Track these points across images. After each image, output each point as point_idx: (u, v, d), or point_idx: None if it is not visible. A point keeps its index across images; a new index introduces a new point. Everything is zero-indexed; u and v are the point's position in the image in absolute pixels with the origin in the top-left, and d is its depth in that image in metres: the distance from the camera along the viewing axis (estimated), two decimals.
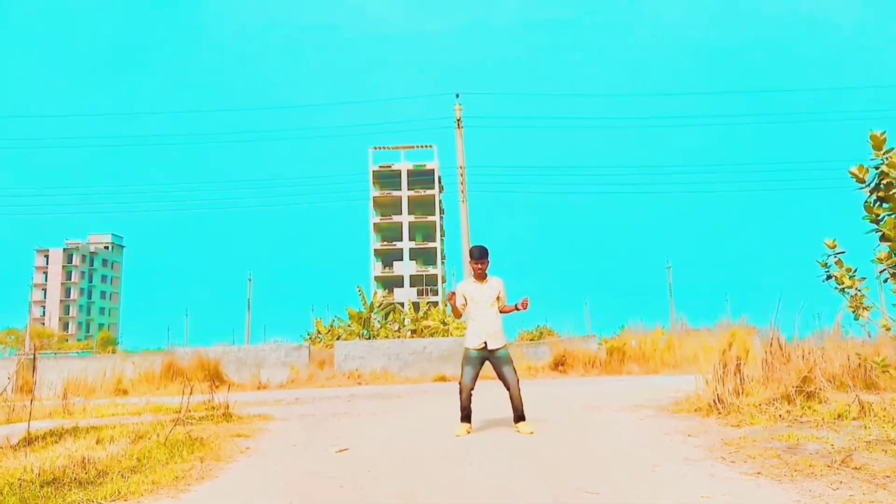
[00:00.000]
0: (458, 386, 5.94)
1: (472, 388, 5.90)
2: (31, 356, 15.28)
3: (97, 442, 5.63)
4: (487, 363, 5.99)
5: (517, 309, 6.05)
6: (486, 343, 5.87)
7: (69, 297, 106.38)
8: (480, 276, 5.99)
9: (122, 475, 4.28)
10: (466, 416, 5.91)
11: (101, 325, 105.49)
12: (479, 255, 5.98)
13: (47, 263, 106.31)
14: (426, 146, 67.23)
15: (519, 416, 5.95)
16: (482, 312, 5.93)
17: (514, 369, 5.98)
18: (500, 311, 6.08)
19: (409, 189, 67.38)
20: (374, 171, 67.29)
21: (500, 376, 5.94)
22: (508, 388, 5.93)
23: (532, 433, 5.74)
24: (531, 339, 24.04)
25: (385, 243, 67.04)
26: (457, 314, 6.12)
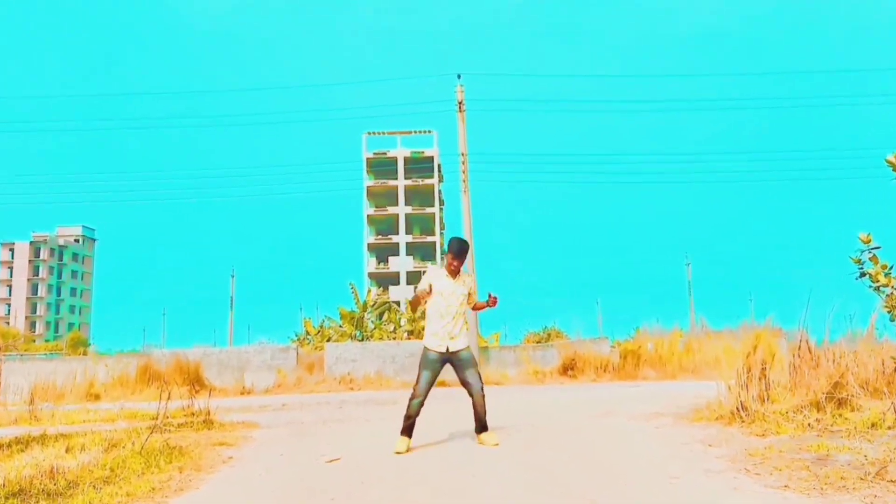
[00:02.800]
0: (412, 392, 5.74)
1: (426, 397, 5.71)
2: None
3: (67, 450, 5.64)
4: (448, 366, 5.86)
5: (487, 305, 5.93)
6: (447, 346, 5.71)
7: (36, 294, 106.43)
8: (455, 273, 5.81)
9: (93, 486, 4.28)
10: (409, 428, 5.69)
11: (71, 325, 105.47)
12: (459, 251, 5.77)
13: (13, 258, 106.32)
14: (425, 131, 67.15)
15: (482, 427, 5.82)
16: (448, 310, 5.74)
17: (479, 373, 5.82)
18: (473, 308, 6.06)
19: (405, 178, 67.34)
20: (368, 159, 67.25)
21: (462, 380, 5.78)
22: (471, 395, 5.75)
23: (497, 445, 5.64)
24: (538, 342, 24.08)
25: (380, 237, 67.06)
26: (415, 306, 6.01)
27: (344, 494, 4.08)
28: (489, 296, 5.91)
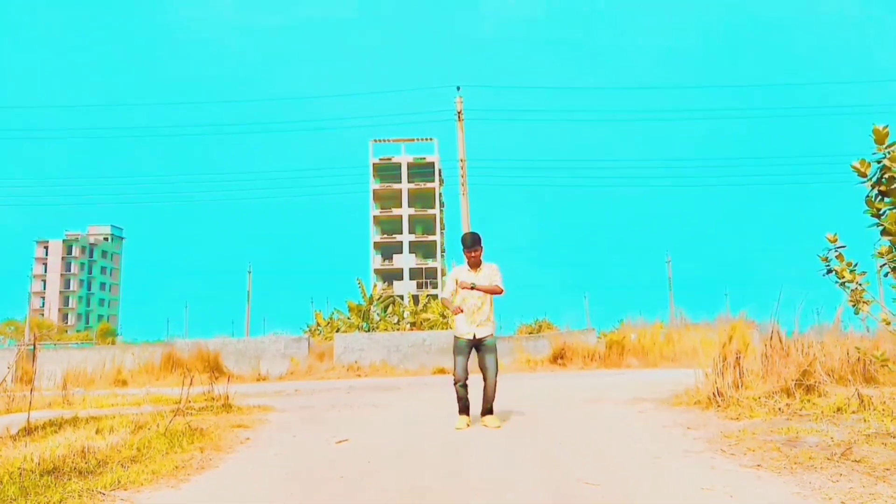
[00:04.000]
0: (453, 378, 5.87)
1: (467, 378, 5.80)
2: (31, 347, 15.28)
3: (97, 432, 5.63)
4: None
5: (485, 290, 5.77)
6: (474, 333, 5.79)
7: (69, 288, 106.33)
8: (475, 265, 5.88)
9: (121, 465, 4.28)
10: (464, 408, 5.85)
11: (100, 317, 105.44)
12: (472, 244, 5.84)
13: (47, 255, 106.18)
14: (426, 139, 67.01)
15: (487, 410, 5.88)
16: (471, 301, 5.81)
17: (497, 361, 5.86)
18: (486, 291, 5.82)
19: (409, 182, 67.21)
20: (374, 164, 67.14)
21: (481, 365, 5.84)
22: (485, 379, 5.82)
23: (499, 427, 5.69)
24: (530, 333, 24.07)
25: (385, 236, 66.96)
26: (451, 307, 5.94)
27: (352, 472, 4.08)
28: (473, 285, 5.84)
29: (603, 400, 7.77)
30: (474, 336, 5.79)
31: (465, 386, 5.81)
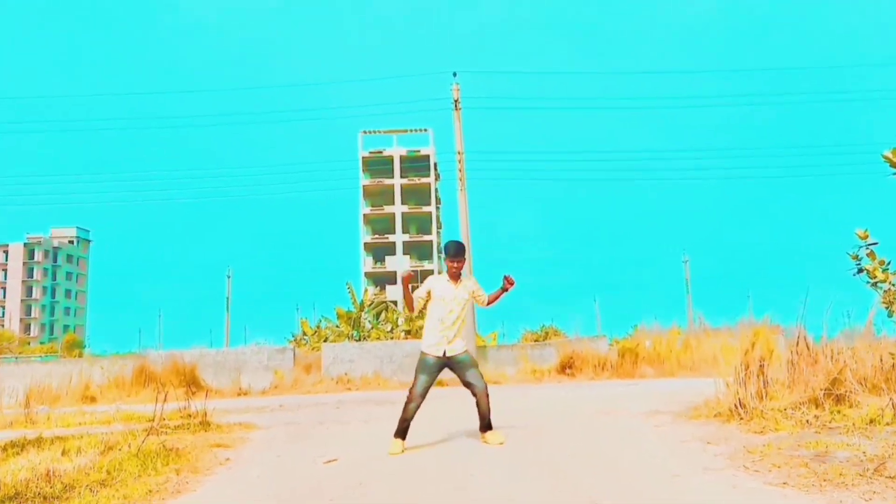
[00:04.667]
0: (408, 395, 5.71)
1: (422, 400, 5.70)
2: None
3: (63, 453, 5.63)
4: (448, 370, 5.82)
5: (504, 291, 5.84)
6: (444, 350, 5.69)
7: (31, 296, 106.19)
8: (455, 276, 5.80)
9: (90, 489, 4.28)
10: (403, 430, 5.68)
11: (66, 327, 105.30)
12: (457, 252, 5.77)
13: (6, 260, 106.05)
14: (421, 130, 66.98)
15: (486, 426, 5.82)
16: (449, 315, 5.72)
17: (480, 373, 5.82)
18: (488, 303, 5.96)
19: (402, 177, 67.25)
20: (363, 158, 67.13)
21: (464, 382, 5.76)
22: (474, 395, 5.75)
23: (502, 444, 5.65)
24: (536, 340, 24.14)
25: (376, 236, 66.99)
26: (409, 305, 5.87)
27: (342, 495, 4.08)
28: (504, 278, 5.82)
29: (615, 412, 7.79)
30: (444, 353, 5.69)
31: (417, 407, 5.68)
